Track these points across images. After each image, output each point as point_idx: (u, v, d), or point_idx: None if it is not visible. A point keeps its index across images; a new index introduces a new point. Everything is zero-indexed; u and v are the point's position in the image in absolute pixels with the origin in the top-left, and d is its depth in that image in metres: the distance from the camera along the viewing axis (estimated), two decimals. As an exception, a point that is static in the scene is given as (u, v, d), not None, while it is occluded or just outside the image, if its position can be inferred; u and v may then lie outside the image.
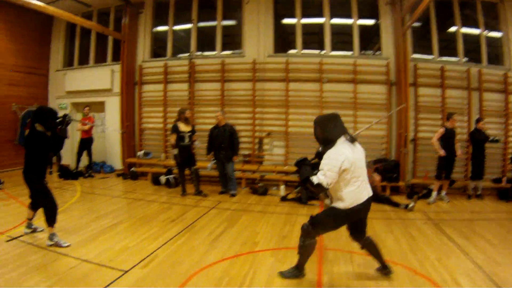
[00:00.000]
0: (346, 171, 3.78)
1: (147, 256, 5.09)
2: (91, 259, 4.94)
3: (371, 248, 4.32)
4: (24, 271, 4.46)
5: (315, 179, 3.77)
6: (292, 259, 4.67)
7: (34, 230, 6.02)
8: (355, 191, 3.89)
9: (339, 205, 3.94)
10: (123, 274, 4.46)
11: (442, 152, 8.40)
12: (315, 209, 7.77)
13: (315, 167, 3.95)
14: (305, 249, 4.20)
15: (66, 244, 5.40)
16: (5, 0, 8.71)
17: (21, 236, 5.81)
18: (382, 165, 9.45)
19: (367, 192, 4.04)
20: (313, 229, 4.13)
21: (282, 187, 9.16)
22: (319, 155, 3.98)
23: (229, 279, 4.36)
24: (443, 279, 4.36)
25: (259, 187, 9.36)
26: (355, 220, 4.15)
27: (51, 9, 8.98)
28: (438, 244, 5.73)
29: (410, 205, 7.85)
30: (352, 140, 3.96)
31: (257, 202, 8.52)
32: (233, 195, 9.10)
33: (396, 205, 8.08)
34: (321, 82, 10.29)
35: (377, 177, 8.75)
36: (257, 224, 6.70)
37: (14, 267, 4.56)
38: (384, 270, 4.36)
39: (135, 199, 8.95)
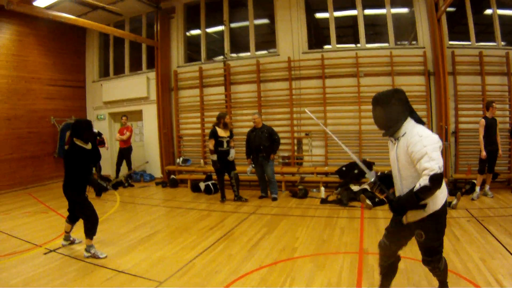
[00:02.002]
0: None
1: (184, 266, 5.09)
2: (128, 270, 5.00)
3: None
4: (60, 283, 4.57)
5: (423, 179, 2.86)
6: (332, 265, 4.64)
7: (72, 242, 6.18)
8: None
9: (437, 204, 3.08)
10: (158, 286, 4.47)
11: (483, 154, 8.01)
12: (356, 211, 7.62)
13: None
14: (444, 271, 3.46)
15: (103, 256, 5.50)
16: (36, 15, 8.95)
17: (59, 248, 5.96)
18: None
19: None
20: (437, 255, 3.28)
21: (322, 189, 9.04)
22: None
23: None
24: (486, 281, 4.15)
25: (299, 190, 9.23)
26: None
27: (81, 21, 9.20)
28: (482, 243, 5.47)
29: (453, 203, 7.53)
30: (421, 121, 3.15)
31: (297, 206, 8.39)
32: (274, 199, 9.02)
33: None
34: (358, 77, 10.04)
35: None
36: (297, 229, 6.59)
37: (51, 279, 4.69)
38: None
39: (174, 207, 9.02)
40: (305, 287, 4.24)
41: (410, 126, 3.09)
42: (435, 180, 2.78)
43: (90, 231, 5.56)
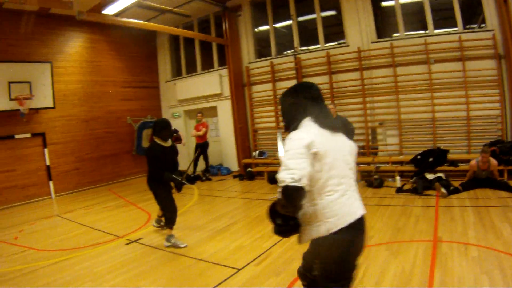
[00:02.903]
0: (318, 156, 2.37)
1: (261, 254, 5.34)
2: (207, 258, 5.36)
3: None
4: (141, 271, 5.02)
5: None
6: (406, 252, 4.72)
7: (162, 227, 6.72)
8: (342, 200, 2.46)
9: (318, 231, 2.44)
10: (237, 272, 4.76)
11: None
12: (431, 199, 7.46)
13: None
14: None
15: (183, 245, 5.91)
16: (107, 23, 9.46)
17: (140, 239, 6.48)
18: (497, 147, 8.65)
19: (360, 208, 2.57)
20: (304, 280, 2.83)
21: (398, 178, 8.93)
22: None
23: None
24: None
25: (375, 180, 9.17)
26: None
27: (150, 25, 9.64)
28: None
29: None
30: (328, 125, 2.56)
31: (372, 195, 8.38)
32: None
33: None
34: (428, 64, 9.72)
35: (493, 161, 8.03)
36: (372, 218, 6.57)
37: (133, 267, 5.16)
38: None
39: (251, 199, 9.35)
40: (381, 272, 4.30)
41: (301, 126, 2.60)
42: (284, 194, 2.26)
43: (168, 221, 6.02)
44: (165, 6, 11.88)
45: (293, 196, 2.25)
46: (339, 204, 2.42)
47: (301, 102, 2.67)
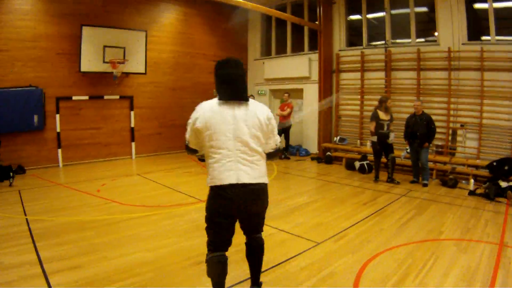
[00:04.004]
0: (199, 132, 3.19)
1: (339, 232, 5.83)
2: (288, 229, 5.93)
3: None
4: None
5: None
6: (474, 251, 4.96)
7: None
8: (215, 166, 3.13)
9: (207, 180, 3.23)
10: (316, 245, 5.28)
11: None
12: (502, 206, 7.41)
13: None
14: (208, 269, 3.40)
15: None
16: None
17: None
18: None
19: (236, 176, 3.11)
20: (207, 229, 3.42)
21: (472, 181, 8.92)
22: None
23: (412, 261, 4.69)
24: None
25: (449, 180, 9.25)
26: (226, 214, 3.23)
27: (244, 3, 9.90)
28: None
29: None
30: (236, 97, 3.22)
31: (446, 194, 8.47)
32: (425, 185, 9.15)
33: None
34: None
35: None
36: (444, 215, 6.79)
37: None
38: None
39: (329, 181, 9.81)
40: (448, 266, 4.51)
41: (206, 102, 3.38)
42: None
43: None
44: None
45: (186, 149, 3.59)
46: (213, 168, 3.15)
47: (217, 80, 3.33)
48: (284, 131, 12.85)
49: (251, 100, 3.31)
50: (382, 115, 9.24)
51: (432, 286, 4.01)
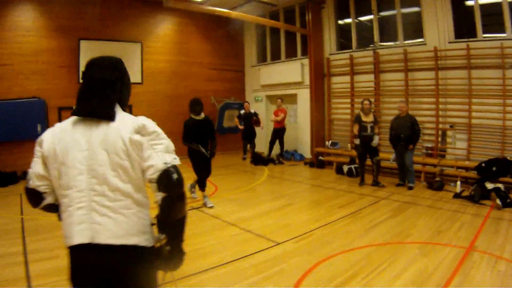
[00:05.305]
0: (45, 159, 2.04)
1: (303, 234, 5.84)
2: (254, 230, 6.03)
3: None
4: (194, 233, 5.71)
5: None
6: (436, 255, 4.84)
7: (193, 192, 8.15)
8: (63, 216, 2.01)
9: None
10: (275, 245, 5.34)
11: None
12: (484, 209, 7.16)
13: None
14: None
15: (210, 205, 7.39)
16: (195, 11, 10.17)
17: (200, 207, 7.42)
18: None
19: (90, 233, 1.91)
20: None
21: (458, 183, 8.72)
22: None
23: (366, 263, 4.66)
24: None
25: (435, 182, 9.10)
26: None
27: (234, 14, 10.20)
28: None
29: None
30: (94, 112, 2.02)
31: (429, 197, 8.29)
32: (410, 188, 8.97)
33: None
34: (503, 68, 9.34)
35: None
36: (419, 218, 6.70)
37: (187, 230, 5.78)
38: None
39: (314, 185, 9.84)
40: (403, 268, 4.44)
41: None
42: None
43: (198, 184, 7.60)
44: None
45: (26, 196, 2.18)
46: (63, 218, 2.02)
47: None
48: (278, 136, 12.96)
49: (121, 115, 2.10)
50: (363, 116, 9.20)
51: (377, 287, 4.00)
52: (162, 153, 2.02)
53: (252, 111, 13.35)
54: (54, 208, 2.14)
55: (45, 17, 11.24)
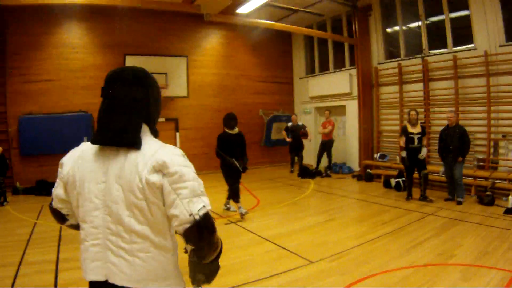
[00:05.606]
0: (66, 185, 1.90)
1: (340, 252, 5.59)
2: (289, 247, 5.84)
3: None
4: (227, 248, 5.53)
5: None
6: (480, 279, 4.45)
7: (228, 209, 8.36)
8: (81, 248, 1.87)
9: None
10: (308, 264, 5.15)
11: None
12: None
13: None
14: None
15: (244, 211, 7.52)
16: (238, 23, 10.30)
17: (239, 221, 7.39)
18: None
19: (105, 272, 1.77)
20: None
21: (510, 197, 8.10)
22: None
23: (402, 287, 4.38)
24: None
25: (485, 196, 8.56)
26: None
27: (279, 25, 10.29)
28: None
29: None
30: (112, 140, 1.75)
31: (478, 213, 7.76)
32: (459, 203, 8.46)
33: None
34: None
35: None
36: (466, 236, 6.21)
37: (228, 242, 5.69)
38: None
39: (359, 200, 9.58)
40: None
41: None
42: None
43: (230, 196, 7.86)
44: (295, 7, 12.42)
45: (51, 214, 2.11)
46: (80, 249, 1.88)
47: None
48: (326, 148, 12.80)
49: (145, 142, 1.78)
50: (410, 128, 8.89)
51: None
52: (188, 199, 1.69)
53: (300, 123, 13.23)
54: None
55: (91, 34, 11.85)
